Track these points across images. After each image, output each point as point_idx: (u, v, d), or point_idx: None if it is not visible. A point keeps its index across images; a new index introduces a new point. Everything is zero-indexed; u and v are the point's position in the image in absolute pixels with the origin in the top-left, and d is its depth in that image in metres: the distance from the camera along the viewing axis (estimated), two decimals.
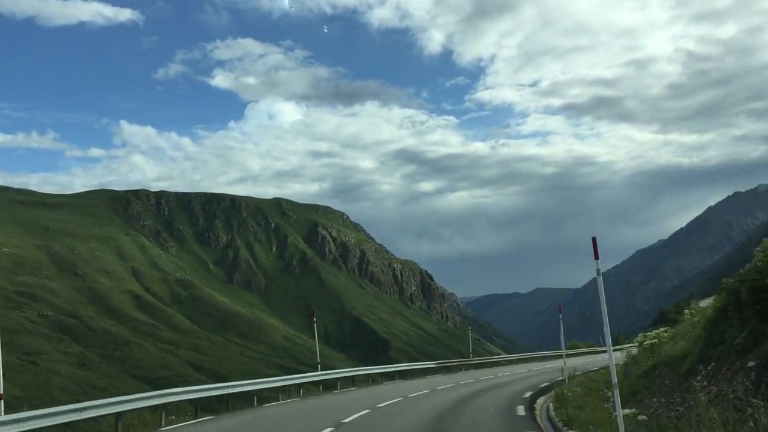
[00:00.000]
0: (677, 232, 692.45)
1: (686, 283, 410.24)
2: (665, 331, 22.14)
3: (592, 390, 20.93)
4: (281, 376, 35.70)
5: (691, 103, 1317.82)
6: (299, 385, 31.11)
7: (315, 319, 41.81)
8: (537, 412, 19.29)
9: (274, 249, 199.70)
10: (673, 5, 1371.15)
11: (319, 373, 33.94)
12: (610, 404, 14.98)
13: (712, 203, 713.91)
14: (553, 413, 17.34)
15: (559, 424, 14.98)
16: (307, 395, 30.87)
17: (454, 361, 53.11)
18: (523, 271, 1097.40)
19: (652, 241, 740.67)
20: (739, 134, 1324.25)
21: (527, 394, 23.58)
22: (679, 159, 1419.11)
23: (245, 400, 26.61)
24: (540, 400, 22.63)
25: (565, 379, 26.18)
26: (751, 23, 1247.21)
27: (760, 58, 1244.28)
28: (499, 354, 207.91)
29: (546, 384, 26.86)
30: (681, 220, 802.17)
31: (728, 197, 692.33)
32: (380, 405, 21.62)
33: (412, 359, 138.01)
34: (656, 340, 20.83)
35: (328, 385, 34.07)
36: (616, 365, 13.23)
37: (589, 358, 52.77)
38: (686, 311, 24.95)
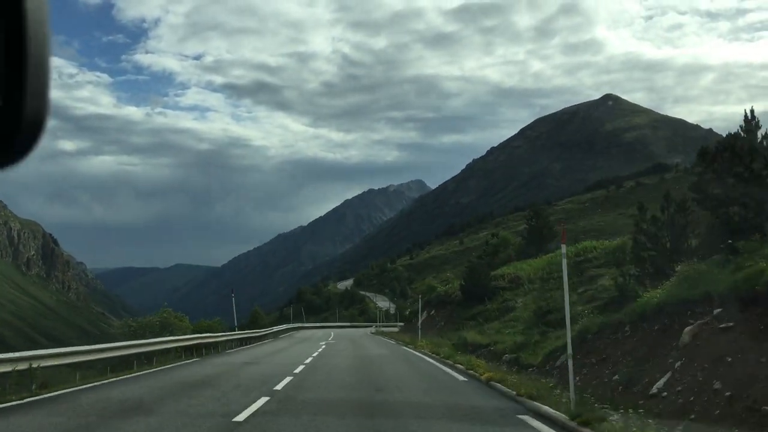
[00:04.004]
0: (316, 220, 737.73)
1: (319, 268, 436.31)
2: None
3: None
4: None
5: (341, 103, 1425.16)
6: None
7: None
8: None
9: None
10: (336, 8, 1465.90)
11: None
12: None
13: (349, 197, 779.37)
14: None
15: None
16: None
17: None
18: (164, 246, 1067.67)
19: (292, 226, 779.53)
20: (378, 138, 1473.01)
21: None
22: (325, 153, 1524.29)
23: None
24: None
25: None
26: (400, 40, 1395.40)
27: (403, 73, 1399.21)
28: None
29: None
30: (320, 209, 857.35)
31: (363, 193, 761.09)
32: None
33: (18, 332, 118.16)
34: None
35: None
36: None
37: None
38: None
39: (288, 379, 15.73)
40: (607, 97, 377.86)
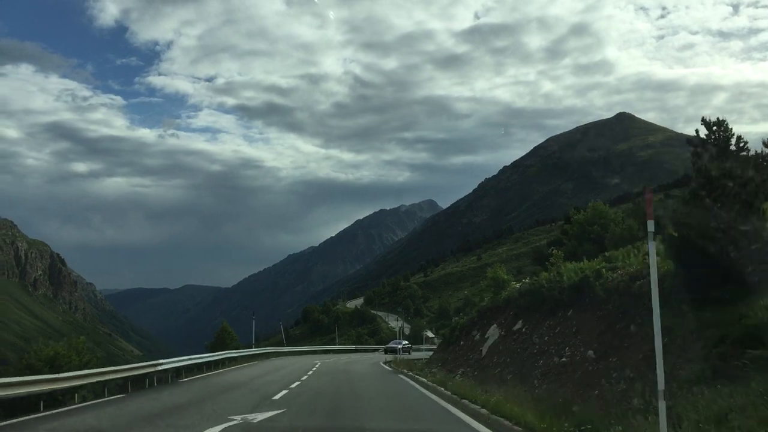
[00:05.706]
0: (327, 241, 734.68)
1: (329, 288, 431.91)
2: None
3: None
4: None
5: (352, 124, 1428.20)
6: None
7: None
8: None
9: None
10: (347, 30, 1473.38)
11: None
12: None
13: (360, 217, 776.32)
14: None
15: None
16: None
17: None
18: (174, 267, 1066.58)
19: (303, 247, 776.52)
20: (389, 159, 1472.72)
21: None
22: (337, 174, 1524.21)
23: None
24: None
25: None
26: (410, 61, 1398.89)
27: (413, 94, 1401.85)
28: (132, 351, 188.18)
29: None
30: (331, 230, 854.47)
31: (374, 213, 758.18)
32: None
33: (20, 353, 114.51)
34: None
35: None
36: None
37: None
38: None
39: None
40: (621, 116, 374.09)
